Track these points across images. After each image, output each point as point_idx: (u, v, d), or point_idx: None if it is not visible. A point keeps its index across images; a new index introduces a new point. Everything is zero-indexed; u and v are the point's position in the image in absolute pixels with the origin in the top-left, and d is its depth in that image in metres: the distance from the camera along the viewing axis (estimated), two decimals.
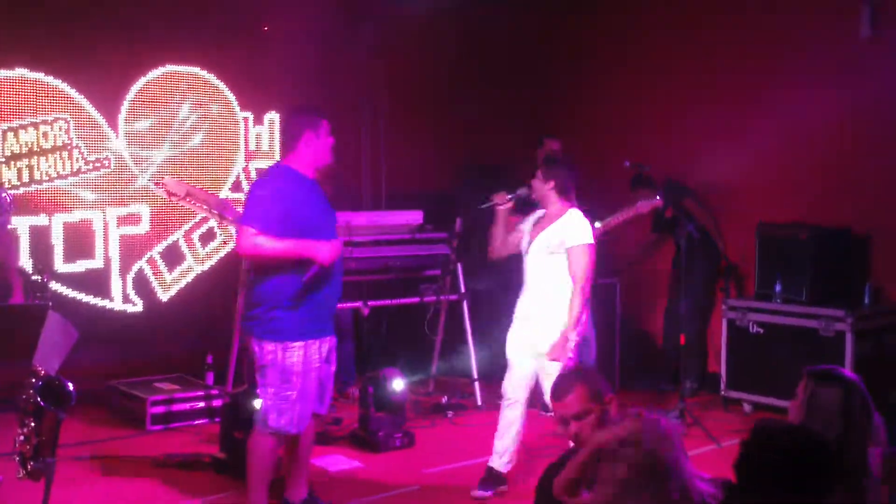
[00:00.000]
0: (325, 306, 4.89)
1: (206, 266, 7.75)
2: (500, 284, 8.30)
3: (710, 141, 7.80)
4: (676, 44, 8.20)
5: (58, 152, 7.11)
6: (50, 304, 4.79)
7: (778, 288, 7.09)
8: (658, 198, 6.95)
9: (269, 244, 4.69)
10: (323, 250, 4.74)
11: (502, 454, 5.57)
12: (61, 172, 7.13)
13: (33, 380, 4.31)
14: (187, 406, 6.74)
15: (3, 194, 5.95)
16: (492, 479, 5.56)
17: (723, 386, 7.27)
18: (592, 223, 5.76)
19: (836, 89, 7.21)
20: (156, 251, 7.56)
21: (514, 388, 5.58)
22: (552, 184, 5.47)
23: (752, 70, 7.71)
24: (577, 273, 5.33)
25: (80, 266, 7.21)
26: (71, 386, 4.97)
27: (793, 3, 7.47)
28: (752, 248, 7.33)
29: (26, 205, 6.96)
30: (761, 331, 7.12)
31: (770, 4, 7.61)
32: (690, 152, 7.93)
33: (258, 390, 4.91)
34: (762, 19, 7.65)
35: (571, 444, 3.77)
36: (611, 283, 7.65)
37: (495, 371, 7.73)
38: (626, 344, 7.81)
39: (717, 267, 7.83)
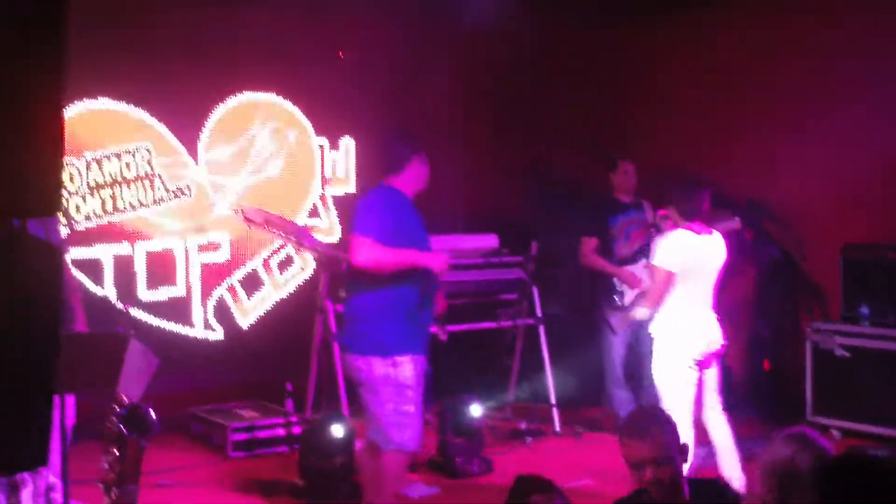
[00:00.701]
0: (426, 323, 4.95)
1: (284, 293, 7.81)
2: (576, 309, 8.26)
3: (791, 160, 7.64)
4: (751, 61, 8.05)
5: (140, 182, 7.25)
6: (133, 332, 4.86)
7: (865, 310, 6.91)
8: (737, 219, 6.84)
9: (386, 253, 4.71)
10: (438, 260, 4.84)
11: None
12: (143, 201, 7.26)
13: (117, 408, 4.38)
14: (268, 433, 6.77)
15: (59, 225, 6.06)
16: None
17: (808, 411, 7.09)
18: None
19: None
20: (235, 278, 7.65)
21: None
22: (675, 210, 5.61)
23: (833, 85, 7.53)
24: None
25: (162, 294, 7.33)
26: (154, 414, 5.04)
27: (867, 21, 7.27)
28: (835, 271, 7.15)
29: (109, 234, 7.09)
30: (847, 354, 6.93)
31: (847, 23, 7.43)
32: (770, 172, 7.77)
33: (372, 409, 4.81)
34: (836, 38, 7.46)
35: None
36: None
37: (574, 396, 7.72)
38: None
39: (799, 289, 7.64)
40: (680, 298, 5.46)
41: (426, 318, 4.93)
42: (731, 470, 5.54)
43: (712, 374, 5.62)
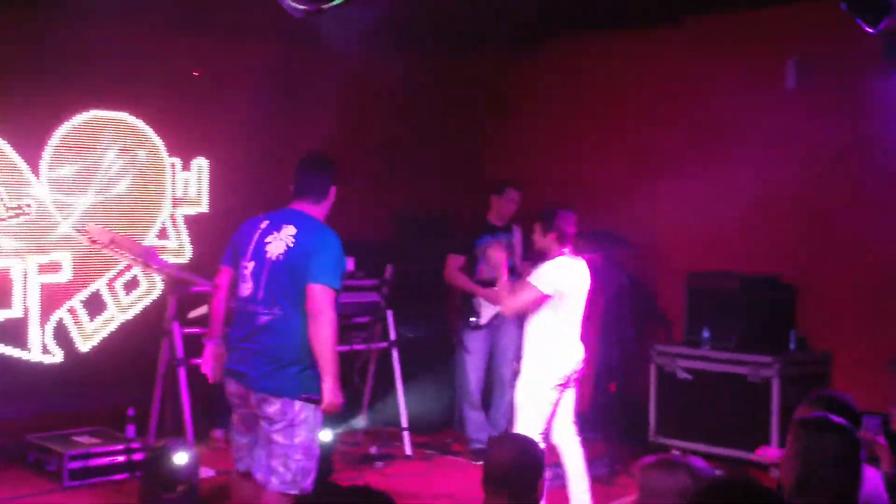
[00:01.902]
0: None
1: (130, 315, 7.57)
2: (431, 332, 8.29)
3: (639, 191, 7.88)
4: (605, 98, 8.32)
5: None
6: None
7: (706, 334, 7.15)
8: (595, 254, 7.02)
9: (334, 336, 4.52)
10: (336, 394, 4.62)
11: None
12: None
13: None
14: (107, 460, 6.53)
15: None
16: None
17: (652, 432, 7.27)
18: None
19: (764, 140, 7.33)
20: (77, 300, 7.37)
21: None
22: (553, 236, 5.59)
23: (682, 121, 7.82)
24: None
25: None
26: None
27: (719, 58, 7.59)
28: (680, 297, 7.39)
29: None
30: (690, 377, 7.15)
31: (698, 60, 7.73)
32: (620, 202, 7.99)
33: (283, 451, 4.49)
34: (696, 71, 7.75)
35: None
36: None
37: (426, 420, 7.73)
38: None
39: (646, 314, 7.86)
40: (553, 321, 5.54)
41: None
42: (580, 494, 5.62)
43: (570, 396, 5.70)
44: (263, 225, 4.65)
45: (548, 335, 5.56)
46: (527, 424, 5.44)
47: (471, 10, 7.38)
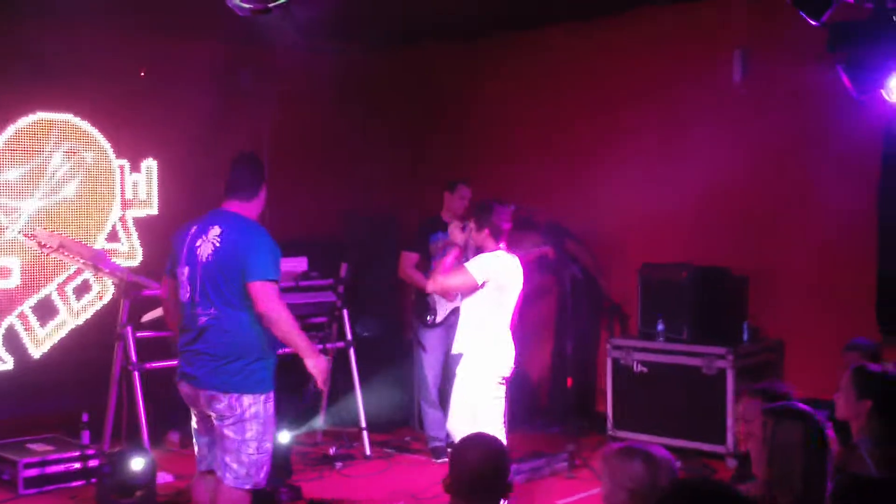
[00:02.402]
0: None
1: (81, 320, 7.46)
2: (387, 331, 8.28)
3: (590, 184, 7.94)
4: (553, 89, 8.35)
5: None
6: None
7: (660, 327, 7.21)
8: (546, 245, 7.07)
9: (292, 318, 4.60)
10: (320, 361, 4.74)
11: None
12: None
13: None
14: (62, 467, 6.43)
15: None
16: None
17: (609, 426, 7.33)
18: None
19: (712, 132, 7.41)
20: (27, 305, 7.25)
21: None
22: (487, 231, 5.57)
23: (629, 114, 7.89)
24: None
25: None
26: None
27: (669, 48, 7.67)
28: (635, 289, 7.45)
29: None
30: (645, 370, 7.21)
31: (645, 51, 7.80)
32: (571, 196, 8.05)
33: (234, 446, 4.54)
34: (640, 64, 7.83)
35: None
36: None
37: (384, 419, 7.72)
38: (515, 386, 7.79)
39: (601, 307, 7.92)
40: (491, 316, 5.51)
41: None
42: None
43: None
44: (193, 230, 4.74)
45: (489, 331, 5.51)
46: (489, 425, 5.43)
47: (414, 5, 7.37)
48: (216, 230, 4.65)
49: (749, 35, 7.27)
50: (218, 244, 4.60)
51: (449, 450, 5.98)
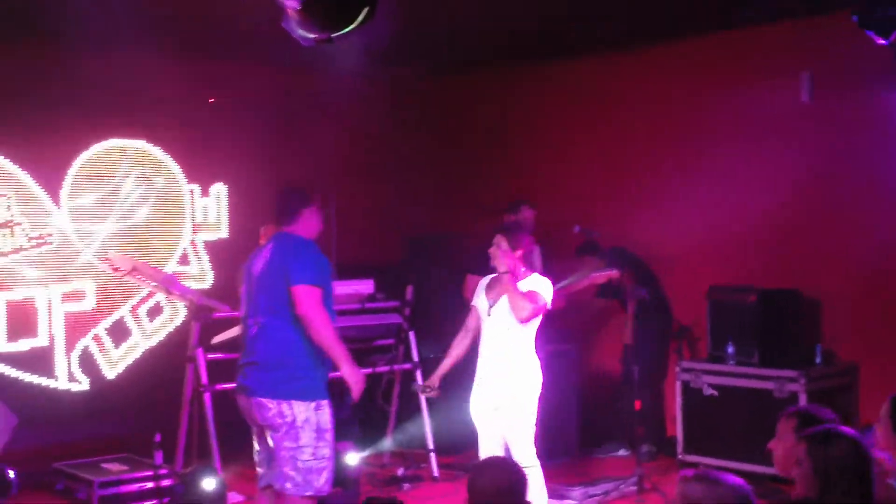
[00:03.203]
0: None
1: (154, 341, 7.60)
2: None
3: (657, 206, 7.89)
4: (621, 112, 8.32)
5: None
6: None
7: (730, 350, 7.12)
8: (615, 270, 7.03)
9: (331, 327, 4.79)
10: (357, 377, 4.94)
11: None
12: (3, 250, 6.98)
13: None
14: (136, 487, 6.52)
15: None
16: None
17: (679, 450, 7.24)
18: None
19: (781, 154, 7.34)
20: (101, 327, 7.40)
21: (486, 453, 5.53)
22: (520, 252, 5.55)
23: (696, 136, 7.83)
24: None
25: (23, 345, 7.02)
26: (12, 474, 4.81)
27: (736, 71, 7.61)
28: (704, 311, 7.37)
29: None
30: (715, 393, 7.12)
31: (712, 75, 7.75)
32: (637, 218, 7.99)
33: (289, 454, 4.71)
34: (707, 87, 7.77)
35: None
36: (567, 349, 7.65)
37: (452, 440, 7.70)
38: (584, 410, 7.78)
39: (669, 330, 7.84)
40: (533, 340, 5.55)
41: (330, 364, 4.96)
42: None
43: None
44: (255, 253, 5.10)
45: (534, 354, 5.53)
46: (530, 446, 5.45)
47: (479, 29, 7.42)
48: (269, 247, 4.97)
49: (817, 56, 7.18)
50: (268, 257, 4.91)
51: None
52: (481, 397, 5.60)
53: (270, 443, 4.80)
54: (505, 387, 5.48)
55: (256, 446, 4.97)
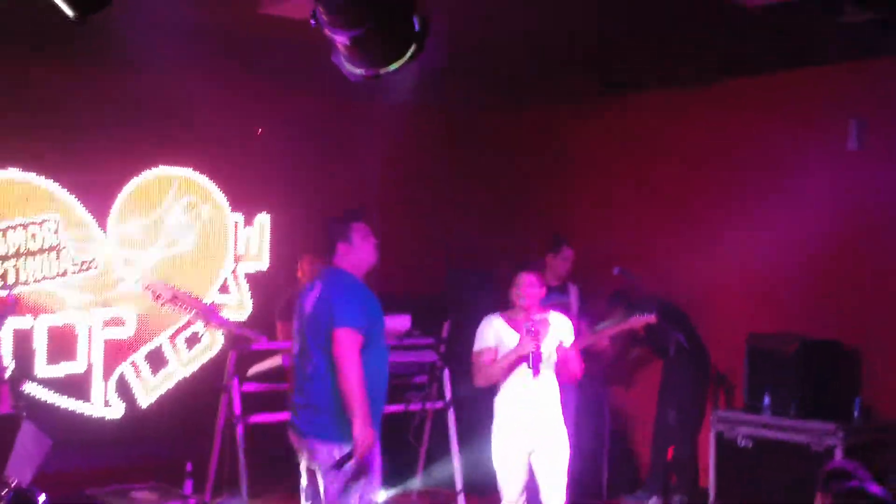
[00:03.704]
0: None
1: (190, 371, 7.66)
2: (488, 391, 8.23)
3: (696, 251, 7.82)
4: (662, 157, 8.29)
5: (45, 254, 7.09)
6: (24, 413, 4.71)
7: (767, 401, 7.01)
8: (653, 314, 6.98)
9: (359, 377, 4.65)
10: (366, 434, 4.66)
11: None
12: (47, 274, 7.10)
13: (3, 491, 4.23)
14: None
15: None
16: None
17: (711, 501, 7.13)
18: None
19: (824, 201, 7.23)
20: (140, 354, 7.48)
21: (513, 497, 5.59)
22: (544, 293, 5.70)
23: (737, 181, 7.78)
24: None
25: (61, 369, 7.12)
26: (43, 498, 4.87)
27: (779, 117, 7.56)
28: (742, 359, 7.28)
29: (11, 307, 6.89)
30: (750, 444, 7.02)
31: (757, 118, 7.70)
32: (675, 262, 7.94)
33: (337, 499, 4.62)
34: (749, 132, 7.73)
35: None
36: (601, 393, 7.60)
37: (482, 481, 7.66)
38: (616, 456, 7.71)
39: (706, 377, 7.75)
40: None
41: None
42: None
43: None
44: (307, 289, 5.03)
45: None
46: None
47: (524, 65, 7.45)
48: (318, 285, 4.91)
49: (864, 103, 7.12)
50: (317, 296, 4.84)
51: None
52: (517, 441, 5.58)
53: (320, 482, 4.72)
54: (546, 430, 5.54)
55: (304, 482, 4.89)
